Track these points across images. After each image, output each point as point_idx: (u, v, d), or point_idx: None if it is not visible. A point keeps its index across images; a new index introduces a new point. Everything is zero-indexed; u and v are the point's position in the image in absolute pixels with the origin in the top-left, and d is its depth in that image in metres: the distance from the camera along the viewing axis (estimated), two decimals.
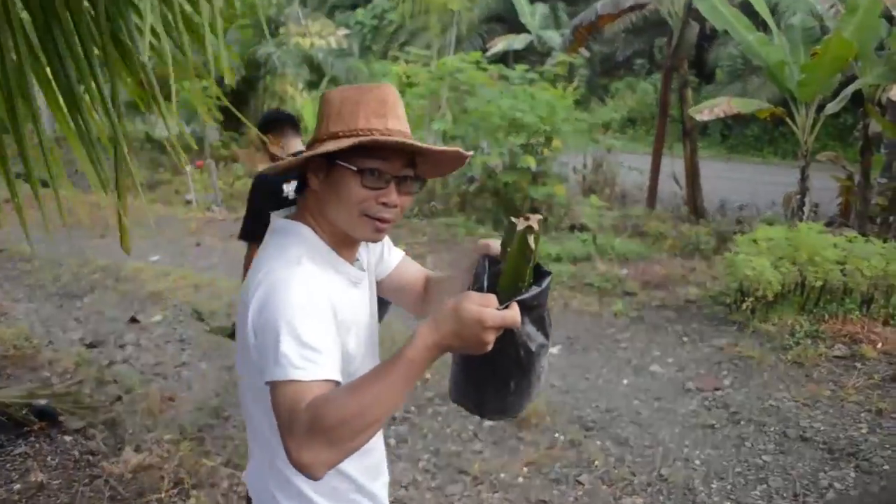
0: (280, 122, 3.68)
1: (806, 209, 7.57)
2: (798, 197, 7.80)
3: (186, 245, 8.98)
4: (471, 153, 1.63)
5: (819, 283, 5.55)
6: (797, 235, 5.64)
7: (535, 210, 8.89)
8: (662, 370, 5.04)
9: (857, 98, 7.86)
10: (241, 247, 3.42)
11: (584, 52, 26.60)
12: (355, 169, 1.45)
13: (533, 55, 24.61)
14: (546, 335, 1.40)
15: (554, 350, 5.45)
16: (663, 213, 10.25)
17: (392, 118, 1.49)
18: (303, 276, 1.40)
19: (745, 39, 7.56)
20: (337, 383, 1.30)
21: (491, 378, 1.42)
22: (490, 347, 1.23)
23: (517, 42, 25.94)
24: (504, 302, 1.25)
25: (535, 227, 1.29)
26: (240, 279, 3.22)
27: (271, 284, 1.38)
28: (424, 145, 1.48)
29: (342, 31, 16.80)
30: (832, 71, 6.83)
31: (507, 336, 1.29)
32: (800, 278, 5.66)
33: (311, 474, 1.23)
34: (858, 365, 4.93)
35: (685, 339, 5.56)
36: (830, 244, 5.60)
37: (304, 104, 13.36)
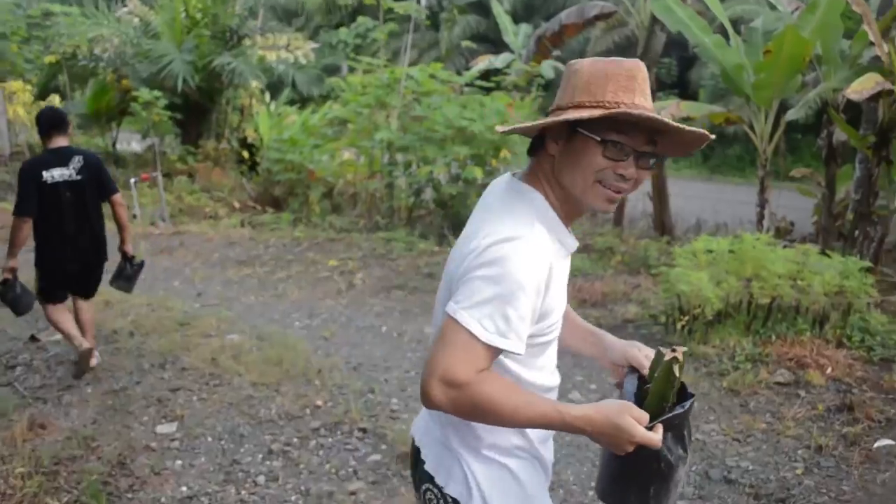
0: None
1: (766, 223, 7.00)
2: (758, 210, 7.23)
3: (113, 259, 8.39)
4: (713, 136, 1.63)
5: (767, 301, 4.97)
6: (742, 248, 5.03)
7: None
8: (582, 398, 4.45)
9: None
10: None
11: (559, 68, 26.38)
12: (599, 139, 1.51)
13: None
14: (685, 449, 1.57)
15: None
16: (628, 230, 9.69)
17: (639, 94, 1.53)
18: (535, 243, 1.50)
19: (700, 42, 7.01)
20: (499, 351, 1.48)
21: (634, 482, 1.59)
22: (625, 452, 1.47)
23: (499, 61, 25.58)
24: (651, 420, 1.47)
25: (681, 358, 1.51)
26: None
27: (509, 242, 1.47)
28: (672, 123, 1.51)
29: (311, 45, 16.31)
30: (789, 72, 6.28)
31: (650, 450, 1.48)
32: (746, 295, 5.06)
33: (425, 401, 1.47)
34: (802, 393, 4.34)
35: None
36: (780, 258, 5.02)
37: (261, 115, 12.81)
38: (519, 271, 1.45)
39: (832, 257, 5.24)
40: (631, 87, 1.53)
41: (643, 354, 1.72)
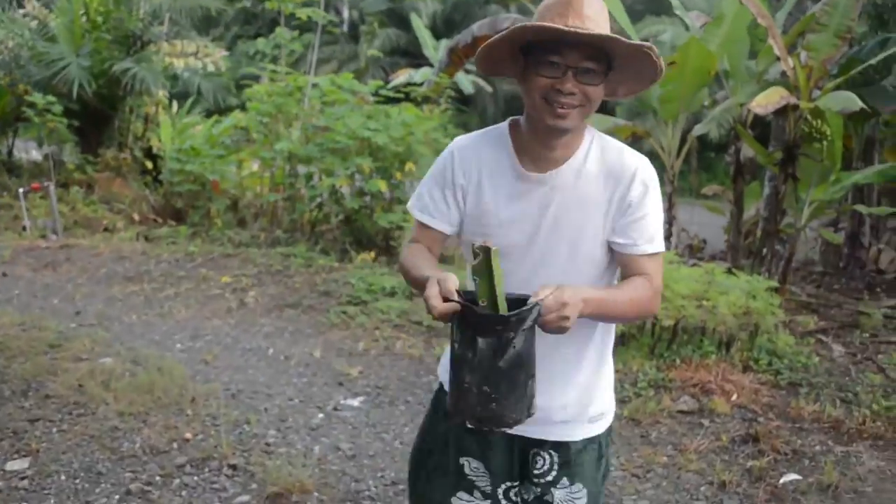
0: None
1: (674, 240, 6.84)
2: (666, 227, 7.08)
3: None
4: (655, 49, 1.72)
5: (671, 322, 4.75)
6: None
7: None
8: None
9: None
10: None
11: (487, 87, 26.41)
12: (535, 61, 1.71)
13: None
14: (472, 353, 1.57)
15: (355, 402, 4.51)
16: None
17: (573, 17, 1.67)
18: (454, 146, 1.93)
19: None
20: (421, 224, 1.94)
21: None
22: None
23: (418, 75, 25.42)
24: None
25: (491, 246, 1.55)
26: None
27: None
28: (568, 29, 1.62)
29: (220, 53, 15.76)
30: (694, 85, 6.15)
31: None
32: None
33: None
34: (706, 422, 4.12)
35: None
36: (685, 276, 4.82)
37: (163, 124, 12.24)
38: (435, 163, 1.94)
39: (739, 276, 5.07)
40: (564, 13, 1.67)
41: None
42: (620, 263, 1.85)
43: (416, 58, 27.72)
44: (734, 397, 4.34)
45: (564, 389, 1.89)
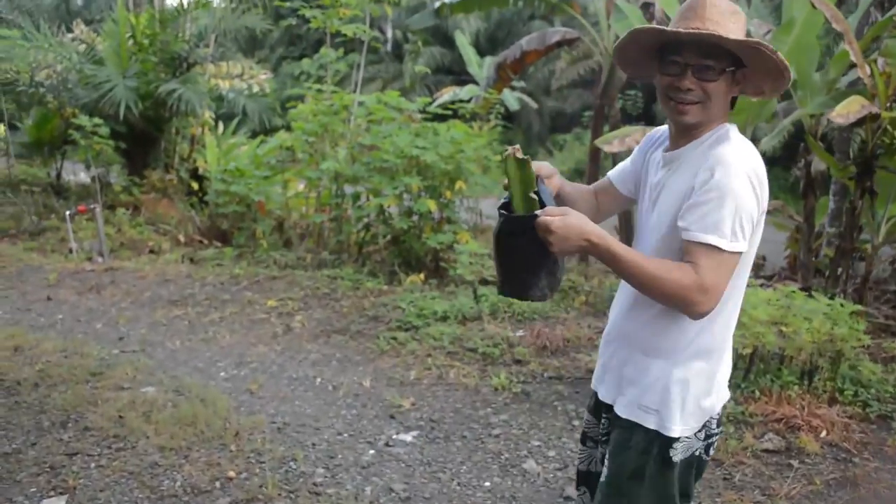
0: None
1: None
2: None
3: (36, 299, 7.69)
4: (765, 44, 1.85)
5: (748, 351, 4.39)
6: None
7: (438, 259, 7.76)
8: (538, 467, 3.82)
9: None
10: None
11: (532, 104, 26.15)
12: (661, 61, 1.92)
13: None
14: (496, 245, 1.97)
15: (408, 437, 4.22)
16: (594, 266, 9.13)
17: (695, 20, 1.83)
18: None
19: None
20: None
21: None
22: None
23: (463, 92, 25.26)
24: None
25: (518, 155, 1.89)
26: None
27: None
28: (675, 30, 1.84)
29: (265, 75, 15.73)
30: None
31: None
32: None
33: None
34: (794, 463, 3.74)
35: (576, 422, 4.32)
36: (763, 301, 4.45)
37: (208, 145, 12.15)
38: None
39: (818, 299, 4.69)
40: (688, 16, 1.85)
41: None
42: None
43: (460, 75, 27.62)
44: (823, 434, 3.96)
45: (633, 359, 2.04)
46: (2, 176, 15.70)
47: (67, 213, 10.38)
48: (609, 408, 2.11)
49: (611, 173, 2.30)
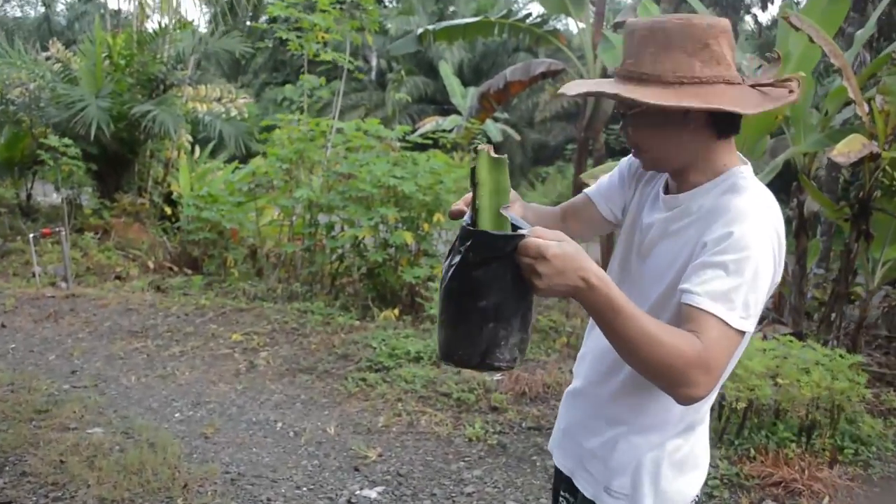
0: None
1: None
2: None
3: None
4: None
5: (742, 405, 4.08)
6: None
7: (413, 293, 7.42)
8: None
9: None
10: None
11: (515, 135, 26.06)
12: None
13: None
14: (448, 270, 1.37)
15: (372, 493, 3.86)
16: (577, 305, 8.82)
17: (629, 56, 1.56)
18: None
19: None
20: None
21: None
22: None
23: (446, 123, 25.13)
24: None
25: (487, 153, 1.39)
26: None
27: None
28: (569, 94, 1.70)
29: (244, 100, 15.46)
30: (758, 134, 5.55)
31: None
32: (716, 397, 4.17)
33: None
34: None
35: None
36: (758, 350, 4.16)
37: (182, 169, 11.81)
38: None
39: (815, 348, 4.40)
40: (625, 54, 1.59)
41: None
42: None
43: (443, 105, 27.55)
44: (826, 501, 3.65)
45: (602, 431, 1.74)
46: None
47: (31, 235, 9.97)
48: (567, 480, 1.83)
49: (589, 191, 1.92)
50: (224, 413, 4.96)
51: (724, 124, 1.56)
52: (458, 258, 1.33)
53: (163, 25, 13.73)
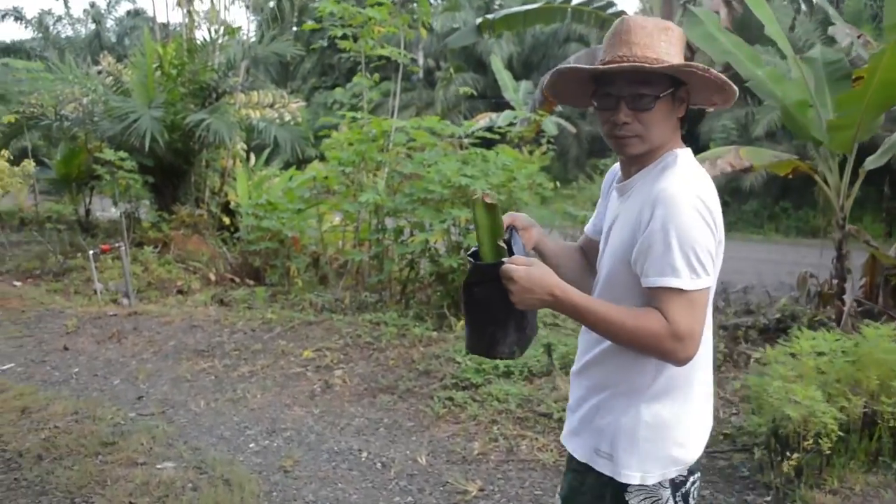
0: None
1: (847, 301, 5.55)
2: (835, 283, 5.81)
3: (53, 348, 7.06)
4: (711, 72, 1.78)
5: None
6: (861, 347, 3.60)
7: None
8: None
9: None
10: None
11: (570, 128, 25.43)
12: (596, 94, 1.82)
13: None
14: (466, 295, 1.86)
15: None
16: None
17: (622, 46, 1.74)
18: None
19: (752, 74, 5.68)
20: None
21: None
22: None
23: (500, 119, 24.63)
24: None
25: (488, 200, 1.82)
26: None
27: None
28: (590, 67, 1.78)
29: (297, 104, 15.19)
30: (879, 107, 4.94)
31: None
32: (867, 413, 3.61)
33: None
34: None
35: None
36: None
37: (239, 177, 11.52)
38: None
39: None
40: (615, 43, 1.77)
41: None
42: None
43: (494, 101, 27.07)
44: None
45: (590, 398, 1.92)
46: (29, 213, 15.28)
47: (91, 252, 9.75)
48: (572, 457, 2.01)
49: (587, 226, 2.17)
50: (302, 442, 4.55)
51: (693, 98, 1.83)
52: (468, 283, 1.82)
53: (212, 33, 13.53)
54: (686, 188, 1.69)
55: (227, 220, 12.50)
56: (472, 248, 1.89)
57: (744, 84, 5.65)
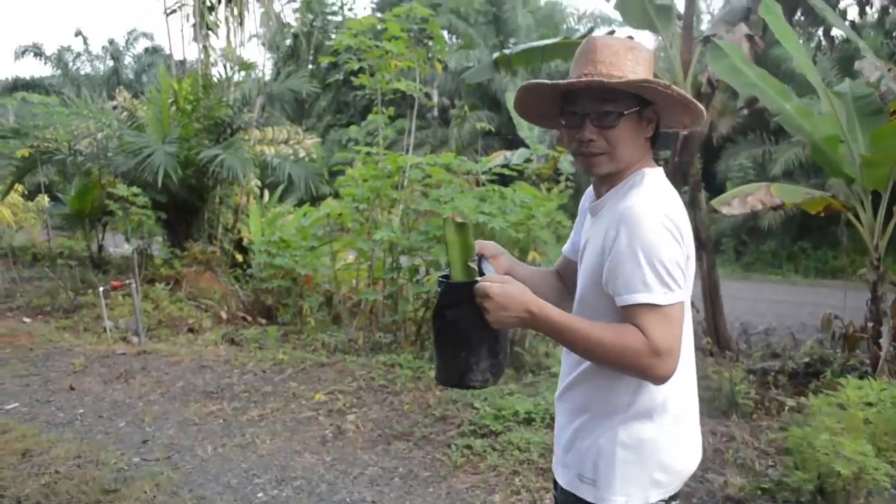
0: None
1: (884, 345, 5.30)
2: (871, 327, 5.57)
3: (59, 388, 6.88)
4: (672, 88, 1.77)
5: None
6: None
7: None
8: None
9: None
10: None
11: None
12: (562, 112, 1.85)
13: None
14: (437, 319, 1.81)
15: None
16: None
17: (588, 64, 1.77)
18: None
19: (780, 108, 5.51)
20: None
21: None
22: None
23: (515, 157, 24.56)
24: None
25: (457, 219, 1.83)
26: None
27: None
28: (546, 82, 1.79)
29: (311, 140, 15.12)
30: None
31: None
32: None
33: None
34: None
35: None
36: None
37: (252, 214, 11.38)
38: None
39: None
40: (580, 62, 1.80)
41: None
42: None
43: (508, 138, 27.01)
44: None
45: (571, 423, 1.89)
46: (41, 249, 15.20)
47: (101, 289, 9.60)
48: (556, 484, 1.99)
49: (564, 247, 2.18)
50: (313, 492, 4.32)
51: (662, 118, 1.85)
52: (437, 305, 1.77)
53: (227, 69, 13.51)
54: (650, 204, 1.70)
55: (239, 258, 12.37)
56: (442, 273, 1.88)
57: (772, 118, 5.47)
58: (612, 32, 9.32)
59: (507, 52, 9.44)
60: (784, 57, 16.57)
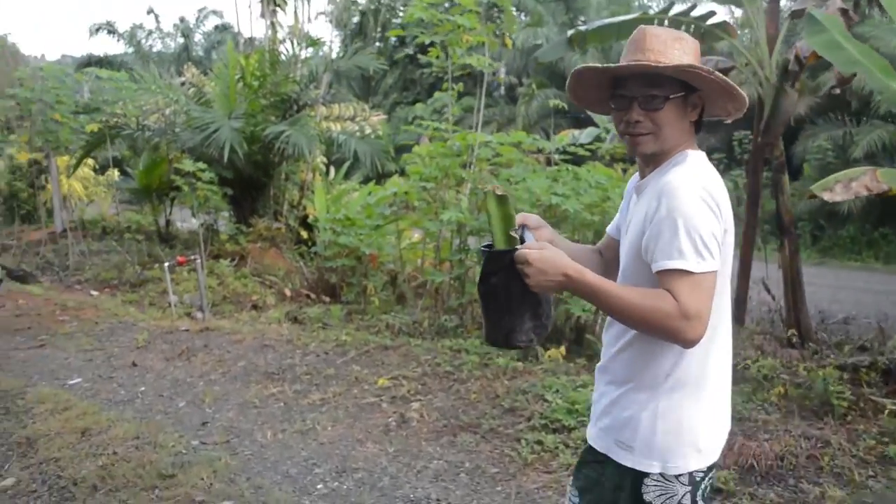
0: None
1: None
2: None
3: (121, 364, 6.83)
4: (715, 74, 1.86)
5: None
6: None
7: None
8: None
9: None
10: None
11: None
12: (611, 96, 1.94)
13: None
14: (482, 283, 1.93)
15: None
16: (755, 332, 7.62)
17: (637, 52, 1.87)
18: None
19: (885, 86, 5.07)
20: None
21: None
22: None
23: (583, 136, 24.06)
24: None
25: (498, 192, 1.94)
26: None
27: None
28: (602, 65, 1.91)
29: (378, 117, 14.94)
30: None
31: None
32: None
33: None
34: None
35: None
36: None
37: (317, 191, 11.24)
38: None
39: None
40: (630, 49, 1.90)
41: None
42: None
43: (577, 117, 26.48)
44: None
45: (609, 391, 1.99)
46: (111, 223, 15.36)
47: (166, 264, 9.57)
48: (591, 449, 2.07)
49: (609, 226, 2.26)
50: (375, 486, 4.10)
51: (707, 106, 1.96)
52: (483, 271, 1.91)
53: (294, 45, 13.38)
54: (690, 179, 1.80)
55: (304, 235, 12.29)
56: (485, 243, 1.99)
57: (877, 97, 5.02)
58: (693, 7, 8.86)
59: (581, 29, 9.05)
60: (868, 34, 15.77)
